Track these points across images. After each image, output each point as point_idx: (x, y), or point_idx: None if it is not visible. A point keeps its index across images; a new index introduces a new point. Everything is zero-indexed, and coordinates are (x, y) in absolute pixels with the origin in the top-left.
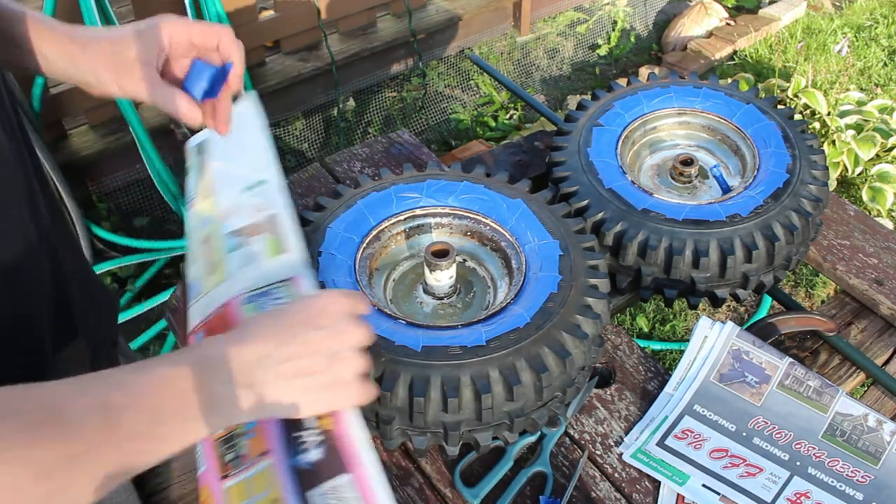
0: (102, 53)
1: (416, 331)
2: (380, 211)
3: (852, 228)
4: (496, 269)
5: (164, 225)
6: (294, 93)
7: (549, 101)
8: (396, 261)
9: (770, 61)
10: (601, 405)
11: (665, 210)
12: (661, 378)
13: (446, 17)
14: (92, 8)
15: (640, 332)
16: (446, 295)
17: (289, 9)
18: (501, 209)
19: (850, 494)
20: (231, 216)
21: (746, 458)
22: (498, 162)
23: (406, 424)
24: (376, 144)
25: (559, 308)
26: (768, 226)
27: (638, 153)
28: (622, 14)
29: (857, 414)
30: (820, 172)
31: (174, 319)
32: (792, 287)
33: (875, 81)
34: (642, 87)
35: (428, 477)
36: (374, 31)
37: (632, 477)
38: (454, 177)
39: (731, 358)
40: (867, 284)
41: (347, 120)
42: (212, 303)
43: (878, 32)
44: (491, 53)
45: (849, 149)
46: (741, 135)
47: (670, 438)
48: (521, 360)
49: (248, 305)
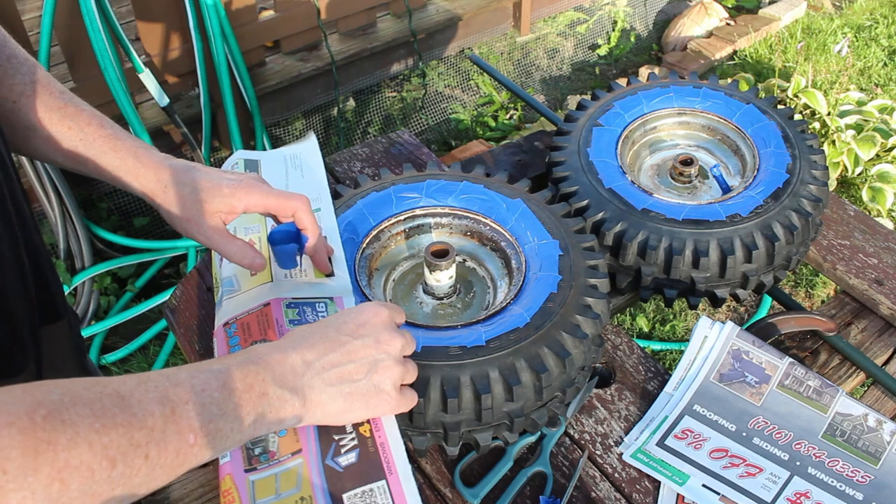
0: (179, 200)
1: (415, 331)
2: (379, 211)
3: (852, 228)
4: (496, 269)
5: (164, 225)
6: (294, 93)
7: (549, 101)
8: (396, 261)
9: (770, 61)
10: (601, 405)
11: (665, 210)
12: (661, 378)
13: (446, 17)
14: (92, 8)
15: (640, 332)
16: (446, 295)
17: (289, 9)
18: (501, 209)
19: (850, 494)
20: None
21: (746, 458)
22: (498, 162)
23: (406, 425)
24: (376, 144)
25: (559, 308)
26: (768, 226)
27: (638, 153)
28: (622, 14)
29: (857, 414)
30: (820, 172)
31: (174, 319)
32: (792, 287)
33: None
34: (642, 87)
35: (428, 477)
36: (374, 31)
37: (632, 477)
38: (454, 177)
39: (731, 358)
40: (867, 284)
41: (347, 120)
42: (251, 300)
43: (878, 32)
44: (491, 53)
45: (849, 149)
46: (741, 135)
47: (670, 438)
48: (520, 360)
49: (290, 309)
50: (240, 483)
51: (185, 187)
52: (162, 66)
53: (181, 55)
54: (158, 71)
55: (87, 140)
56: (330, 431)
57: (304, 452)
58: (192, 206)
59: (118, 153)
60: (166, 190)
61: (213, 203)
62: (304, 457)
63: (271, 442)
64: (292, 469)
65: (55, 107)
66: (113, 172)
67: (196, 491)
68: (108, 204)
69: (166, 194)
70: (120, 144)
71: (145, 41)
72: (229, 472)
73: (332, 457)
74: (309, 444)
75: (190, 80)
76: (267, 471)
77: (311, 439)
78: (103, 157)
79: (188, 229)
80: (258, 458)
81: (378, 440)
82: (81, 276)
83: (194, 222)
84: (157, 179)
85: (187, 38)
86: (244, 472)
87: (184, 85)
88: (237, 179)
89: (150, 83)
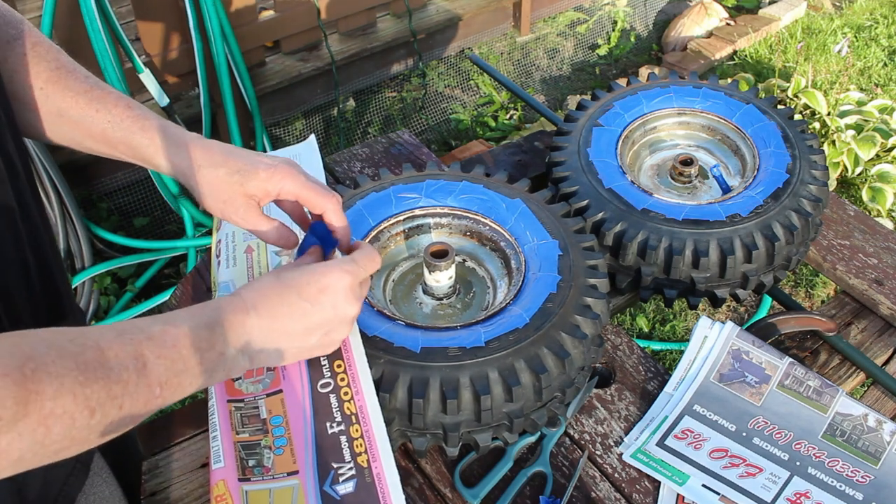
0: (213, 181)
1: (415, 332)
2: (379, 211)
3: (852, 228)
4: (496, 269)
5: (163, 225)
6: (294, 93)
7: (549, 101)
8: (396, 261)
9: (770, 61)
10: (601, 405)
11: (665, 210)
12: (661, 378)
13: (446, 17)
14: (92, 8)
15: (640, 332)
16: (446, 295)
17: (289, 9)
18: (500, 209)
19: (850, 494)
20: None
21: (746, 458)
22: (498, 162)
23: (405, 426)
24: (376, 144)
25: (558, 308)
26: (768, 226)
27: (638, 153)
28: (622, 14)
29: (857, 414)
30: (820, 172)
31: None
32: (792, 287)
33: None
34: (642, 87)
35: (428, 477)
36: (374, 31)
37: (632, 477)
38: (453, 177)
39: (731, 358)
40: (867, 284)
41: (347, 120)
42: None
43: (878, 32)
44: (491, 53)
45: (849, 149)
46: (741, 135)
47: (670, 438)
48: (520, 361)
49: None
50: (233, 490)
51: (221, 168)
52: (162, 66)
53: (181, 55)
54: (158, 71)
55: (115, 121)
56: (328, 459)
57: (300, 475)
58: (229, 188)
59: (147, 133)
60: (201, 170)
61: (249, 186)
62: (301, 480)
63: (266, 457)
64: (287, 489)
65: (82, 90)
66: (143, 152)
67: (196, 491)
68: (108, 204)
69: (201, 175)
70: (149, 124)
71: (145, 41)
72: (223, 477)
73: (331, 484)
74: (307, 468)
75: (190, 80)
76: (261, 484)
77: (308, 464)
78: (133, 137)
79: (224, 210)
80: (252, 470)
81: (375, 471)
82: (81, 277)
83: (230, 203)
84: (191, 159)
85: (187, 38)
86: (238, 481)
87: (184, 85)
88: (273, 163)
89: (150, 83)
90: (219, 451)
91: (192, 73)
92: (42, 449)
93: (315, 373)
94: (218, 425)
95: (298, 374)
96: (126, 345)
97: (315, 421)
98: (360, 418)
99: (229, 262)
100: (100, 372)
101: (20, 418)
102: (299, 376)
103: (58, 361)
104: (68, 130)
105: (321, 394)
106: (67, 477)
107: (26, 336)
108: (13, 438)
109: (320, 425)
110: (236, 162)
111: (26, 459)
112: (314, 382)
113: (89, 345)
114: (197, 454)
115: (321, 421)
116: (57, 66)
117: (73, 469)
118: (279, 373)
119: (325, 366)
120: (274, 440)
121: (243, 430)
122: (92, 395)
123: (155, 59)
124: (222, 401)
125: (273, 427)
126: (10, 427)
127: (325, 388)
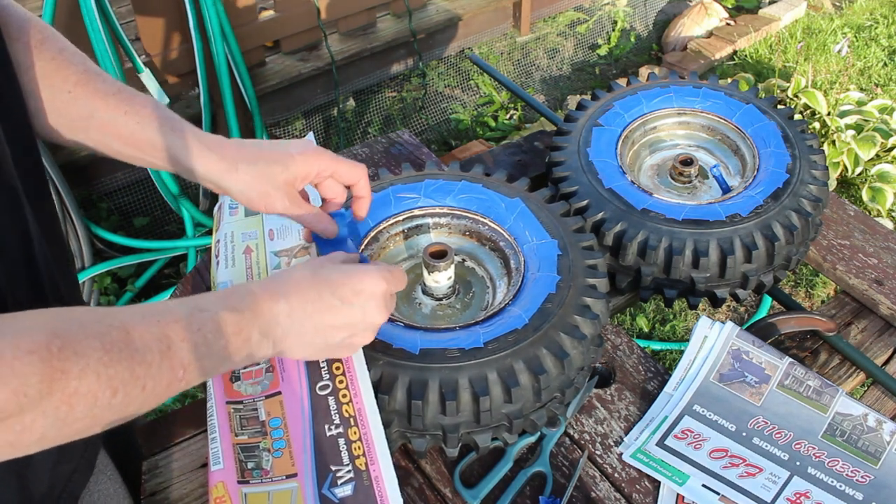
0: (253, 175)
1: (414, 333)
2: (378, 211)
3: (852, 228)
4: (495, 268)
5: (163, 225)
6: (294, 93)
7: (549, 101)
8: (395, 261)
9: (770, 61)
10: (601, 405)
11: (665, 210)
12: (661, 378)
13: (446, 17)
14: (92, 8)
15: (640, 332)
16: (445, 296)
17: (289, 9)
18: (500, 208)
19: (850, 494)
20: (278, 237)
21: (746, 457)
22: (498, 162)
23: (405, 427)
24: (376, 144)
25: (557, 309)
26: (768, 226)
27: (638, 153)
28: (622, 14)
29: (857, 414)
30: (820, 172)
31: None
32: (792, 287)
33: (875, 81)
34: (642, 87)
35: (428, 477)
36: (374, 31)
37: (632, 477)
38: (452, 176)
39: (731, 358)
40: (867, 284)
41: (347, 120)
42: None
43: (878, 32)
44: (491, 53)
45: (849, 149)
46: (741, 135)
47: (670, 438)
48: (519, 361)
49: None
50: (233, 492)
51: (258, 163)
52: (162, 66)
53: (181, 55)
54: (158, 71)
55: (144, 123)
56: (327, 462)
57: (299, 478)
58: (269, 181)
59: (176, 133)
60: (238, 168)
61: (287, 173)
62: (300, 482)
63: (265, 460)
64: (286, 491)
65: (110, 92)
66: (175, 154)
67: (196, 491)
68: (108, 204)
69: (239, 173)
70: (178, 125)
71: (145, 41)
72: (222, 479)
73: (329, 487)
74: (305, 471)
75: (190, 80)
76: (259, 486)
77: (307, 467)
78: (163, 139)
79: (267, 203)
80: (250, 472)
81: (373, 474)
82: (81, 277)
83: (272, 196)
84: (224, 159)
85: (187, 37)
86: (237, 483)
87: (184, 85)
88: (301, 147)
89: (150, 83)
90: (218, 452)
91: (192, 72)
92: (65, 427)
93: (314, 375)
94: (217, 427)
95: (297, 376)
96: (152, 326)
97: (314, 423)
98: (359, 421)
99: (228, 263)
100: (125, 352)
101: (45, 396)
102: (298, 378)
103: (84, 341)
104: (96, 133)
105: (320, 396)
106: (72, 473)
107: (55, 314)
108: (37, 416)
109: (319, 428)
110: (270, 153)
111: (48, 437)
112: (313, 384)
113: (115, 325)
114: (197, 454)
115: (320, 423)
116: (84, 69)
117: (77, 465)
118: (278, 375)
119: (324, 368)
120: (273, 442)
121: (242, 432)
122: (116, 376)
123: (155, 59)
124: (221, 402)
125: (272, 429)
126: (35, 405)
127: (323, 391)
